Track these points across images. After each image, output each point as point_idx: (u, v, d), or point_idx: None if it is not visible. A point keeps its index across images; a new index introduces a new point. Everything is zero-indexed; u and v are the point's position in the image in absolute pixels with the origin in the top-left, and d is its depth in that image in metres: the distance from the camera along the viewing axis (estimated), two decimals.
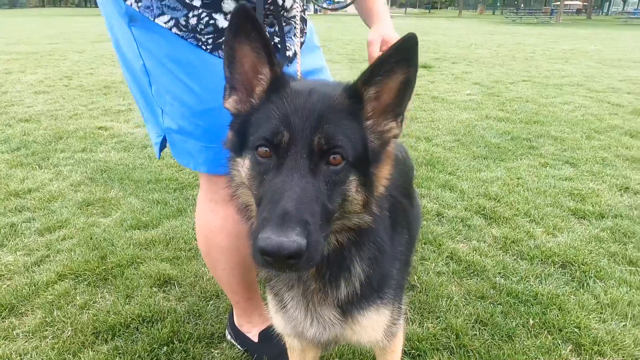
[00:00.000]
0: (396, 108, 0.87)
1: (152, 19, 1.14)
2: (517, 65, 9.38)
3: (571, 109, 5.49)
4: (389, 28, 1.35)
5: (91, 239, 2.44)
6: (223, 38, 1.12)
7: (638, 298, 1.99)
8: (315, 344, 1.19)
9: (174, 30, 1.14)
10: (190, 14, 1.13)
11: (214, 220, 1.48)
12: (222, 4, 1.15)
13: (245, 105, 0.91)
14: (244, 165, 0.88)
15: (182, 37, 1.14)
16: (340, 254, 0.98)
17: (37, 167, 3.49)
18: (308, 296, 1.07)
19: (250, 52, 0.86)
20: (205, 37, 1.16)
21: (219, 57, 1.17)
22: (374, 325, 1.11)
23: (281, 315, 1.15)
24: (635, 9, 56.40)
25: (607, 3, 70.65)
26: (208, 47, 1.17)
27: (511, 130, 4.57)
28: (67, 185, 3.15)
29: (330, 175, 0.80)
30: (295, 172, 0.77)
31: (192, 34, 1.15)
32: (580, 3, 65.96)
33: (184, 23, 1.13)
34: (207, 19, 1.14)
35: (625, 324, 1.84)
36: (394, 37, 1.29)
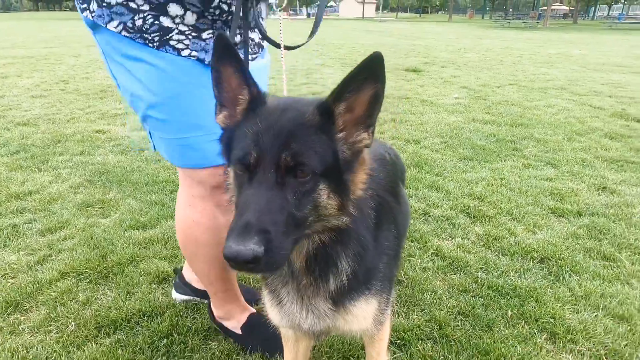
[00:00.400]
0: (367, 120, 0.93)
1: (104, 26, 1.22)
2: (504, 69, 9.55)
3: (554, 112, 5.63)
4: None
5: (91, 238, 2.51)
6: (169, 35, 1.23)
7: (610, 290, 2.10)
8: (309, 334, 1.26)
9: (123, 32, 1.22)
10: (136, 17, 1.21)
11: (192, 215, 1.52)
12: (168, 8, 1.23)
13: (232, 120, 1.00)
14: (230, 176, 0.98)
15: (130, 37, 1.23)
16: (326, 252, 1.06)
17: (36, 170, 3.54)
18: (302, 290, 1.13)
19: (233, 73, 0.96)
20: (152, 35, 1.24)
21: (166, 52, 1.26)
22: (363, 314, 1.19)
23: (277, 310, 1.21)
24: (619, 14, 57.26)
25: (593, 8, 71.60)
26: (155, 44, 1.24)
27: (496, 132, 4.69)
28: (67, 188, 3.21)
29: (299, 187, 0.88)
30: (262, 185, 0.86)
31: (139, 34, 1.23)
32: (567, 8, 66.81)
33: (130, 25, 1.22)
34: (152, 19, 1.23)
35: (597, 314, 1.94)
36: None
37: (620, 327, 1.86)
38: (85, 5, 1.25)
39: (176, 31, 1.25)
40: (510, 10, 74.70)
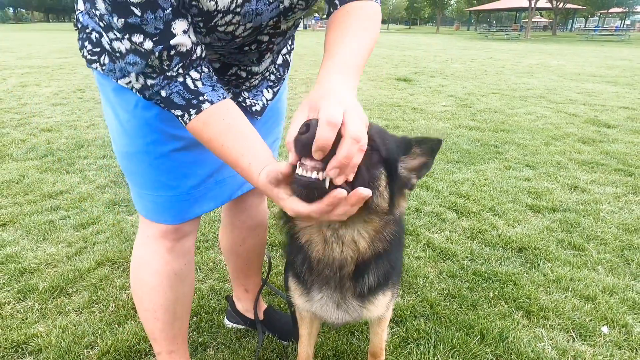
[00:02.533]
0: (419, 171, 1.05)
1: (116, 81, 1.07)
2: (488, 79, 9.77)
3: (533, 119, 5.84)
4: (325, 89, 0.80)
5: (121, 232, 2.67)
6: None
7: (578, 275, 2.28)
8: (332, 324, 1.33)
9: (134, 90, 1.07)
10: (151, 59, 1.05)
11: (144, 254, 1.32)
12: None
13: None
14: None
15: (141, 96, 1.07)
16: (362, 269, 1.12)
17: (64, 172, 3.68)
18: (337, 290, 1.17)
19: None
20: (175, 68, 1.08)
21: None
22: (382, 303, 1.27)
23: (304, 299, 1.24)
24: (595, 26, 57.95)
25: (571, 20, 72.41)
26: (155, 98, 1.05)
27: (480, 137, 4.89)
28: (94, 188, 3.36)
29: (369, 156, 0.87)
30: None
31: (157, 79, 1.07)
32: (547, 20, 67.51)
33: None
34: (166, 52, 1.04)
35: (567, 295, 2.13)
36: (317, 96, 0.78)
37: (586, 306, 2.05)
38: (95, 57, 1.07)
39: None
40: (494, 22, 75.40)
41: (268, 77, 1.32)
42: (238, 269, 1.81)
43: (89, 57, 1.08)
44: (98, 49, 1.07)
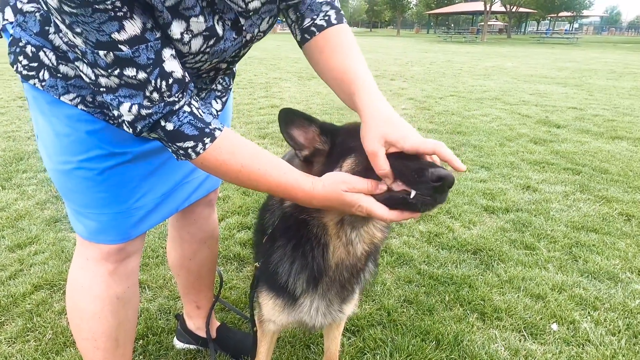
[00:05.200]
0: None
1: (57, 97, 1.02)
2: (446, 81, 10.09)
3: (489, 120, 6.07)
4: (386, 120, 0.93)
5: (62, 252, 2.52)
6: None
7: (530, 274, 2.38)
8: (310, 328, 1.32)
9: (80, 106, 1.03)
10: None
11: (81, 279, 1.25)
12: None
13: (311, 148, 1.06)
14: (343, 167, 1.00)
15: (87, 112, 1.04)
16: (364, 264, 1.19)
17: (0, 188, 3.46)
18: (328, 296, 1.20)
19: (298, 130, 1.03)
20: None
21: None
22: (355, 302, 1.33)
23: (287, 310, 1.24)
24: (547, 29, 61.36)
25: (524, 24, 76.30)
26: (116, 121, 1.06)
27: (438, 140, 5.00)
28: (33, 204, 3.17)
29: None
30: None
31: (99, 110, 1.04)
32: (502, 24, 70.77)
33: (90, 100, 1.04)
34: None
35: (519, 295, 2.20)
36: (398, 133, 0.91)
37: (536, 304, 2.13)
38: (33, 73, 1.01)
39: None
40: (452, 25, 78.26)
41: (215, 88, 1.31)
42: (189, 284, 1.75)
43: (24, 72, 1.02)
44: (35, 64, 1.01)
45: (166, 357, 1.80)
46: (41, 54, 1.00)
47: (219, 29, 0.95)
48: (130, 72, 0.82)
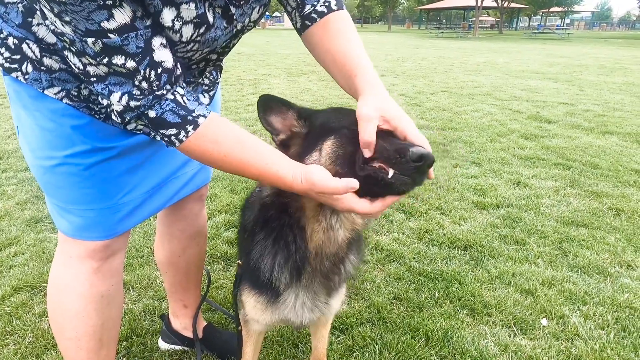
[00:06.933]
0: None
1: (41, 91, 1.01)
2: (437, 77, 10.14)
3: (480, 116, 6.11)
4: (386, 99, 0.96)
5: (43, 253, 2.49)
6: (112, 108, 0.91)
7: (520, 270, 2.40)
8: (297, 326, 1.30)
9: (65, 100, 1.03)
10: (83, 86, 1.02)
11: (64, 277, 1.24)
12: None
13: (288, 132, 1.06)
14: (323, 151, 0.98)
15: (72, 106, 1.04)
16: (348, 250, 1.16)
17: None
18: (313, 288, 1.18)
19: (276, 116, 1.04)
20: (99, 106, 1.05)
21: (112, 125, 1.09)
22: (341, 298, 1.31)
23: (271, 309, 1.21)
24: (538, 25, 61.94)
25: (516, 19, 76.96)
26: (102, 115, 1.06)
27: (429, 136, 5.04)
28: (13, 204, 3.12)
29: None
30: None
31: (84, 104, 1.04)
32: (494, 19, 71.33)
33: (75, 94, 1.03)
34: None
35: (509, 291, 2.22)
36: (396, 112, 0.94)
37: (526, 300, 2.15)
38: (15, 66, 0.99)
39: None
40: (444, 21, 78.64)
41: (202, 82, 1.31)
42: (176, 282, 1.74)
43: (6, 65, 1.00)
44: (17, 56, 0.99)
45: (151, 359, 1.78)
46: (24, 46, 0.98)
47: (210, 17, 0.95)
48: (118, 60, 0.82)
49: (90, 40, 0.79)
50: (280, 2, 1.14)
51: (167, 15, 0.87)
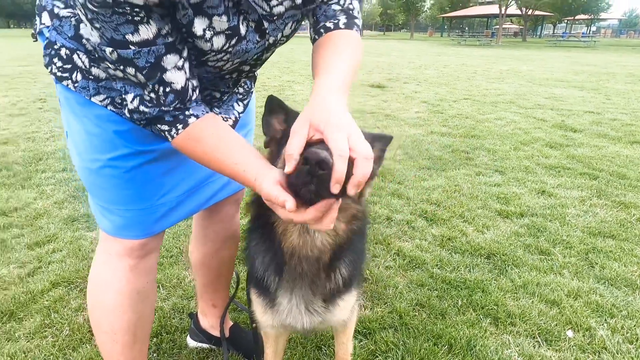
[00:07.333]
0: (378, 164, 1.07)
1: (88, 98, 1.07)
2: (460, 85, 10.02)
3: (503, 124, 6.01)
4: (317, 106, 0.87)
5: (79, 250, 2.58)
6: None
7: (544, 280, 2.34)
8: (301, 332, 1.31)
9: (110, 107, 1.08)
10: (146, 92, 1.01)
11: (103, 274, 1.30)
12: None
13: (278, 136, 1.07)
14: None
15: (117, 113, 1.08)
16: (339, 252, 1.11)
17: (20, 187, 3.54)
18: (304, 289, 1.15)
19: (276, 118, 1.07)
20: (171, 105, 1.03)
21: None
22: (347, 305, 1.27)
23: (270, 313, 1.22)
24: (563, 32, 60.50)
25: (540, 27, 75.36)
26: (142, 122, 1.04)
27: (452, 143, 4.99)
28: (52, 203, 3.24)
29: None
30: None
31: (154, 110, 1.04)
32: (517, 26, 70.05)
33: (119, 101, 1.07)
34: (162, 88, 0.98)
35: (533, 301, 2.18)
36: (321, 118, 0.84)
37: (551, 311, 2.10)
38: (66, 75, 1.06)
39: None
40: (466, 28, 77.70)
41: (237, 91, 1.35)
42: (207, 283, 1.78)
43: (59, 74, 1.07)
44: (69, 66, 1.06)
45: (179, 356, 1.82)
46: (75, 56, 1.05)
47: (242, 29, 0.98)
48: (130, 70, 0.90)
49: (108, 50, 0.86)
50: (306, 17, 1.16)
51: (199, 25, 0.91)
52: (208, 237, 1.65)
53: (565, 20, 74.23)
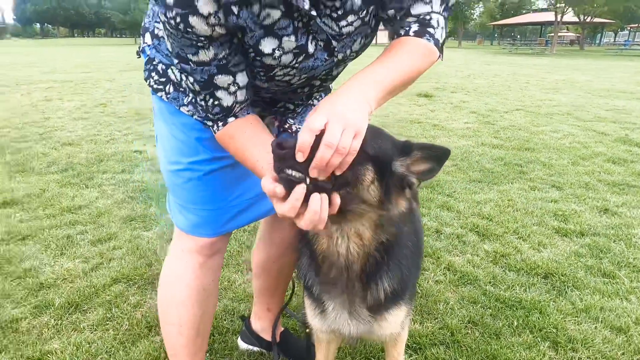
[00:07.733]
0: (421, 174, 1.03)
1: (178, 108, 1.21)
2: (511, 95, 9.68)
3: (560, 137, 5.74)
4: (324, 102, 0.89)
5: (137, 249, 2.71)
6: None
7: (609, 304, 2.20)
8: (347, 339, 1.32)
9: (195, 116, 1.18)
10: (198, 99, 1.08)
11: (176, 268, 1.39)
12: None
13: None
14: None
15: (200, 121, 1.16)
16: (375, 263, 1.11)
17: (83, 186, 3.79)
18: (349, 297, 1.18)
19: None
20: (215, 115, 1.10)
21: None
22: (396, 320, 1.26)
23: (320, 317, 1.26)
24: (626, 41, 57.00)
25: (600, 34, 71.42)
26: (219, 125, 1.12)
27: (504, 156, 4.82)
28: (112, 203, 3.44)
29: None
30: None
31: (204, 114, 1.12)
32: (574, 34, 66.77)
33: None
34: (212, 100, 1.06)
35: (597, 326, 2.05)
36: (319, 108, 0.87)
37: (617, 338, 1.97)
38: (161, 87, 1.22)
39: None
40: (518, 36, 75.01)
41: (311, 103, 1.43)
42: (265, 287, 1.82)
43: (155, 86, 1.24)
44: (164, 79, 1.22)
45: (231, 357, 1.87)
46: (169, 71, 1.20)
47: (311, 48, 1.05)
48: (190, 79, 1.03)
49: (175, 61, 1.02)
50: (384, 24, 1.15)
51: (269, 45, 0.99)
52: (273, 242, 1.70)
53: (629, 28, 69.94)
